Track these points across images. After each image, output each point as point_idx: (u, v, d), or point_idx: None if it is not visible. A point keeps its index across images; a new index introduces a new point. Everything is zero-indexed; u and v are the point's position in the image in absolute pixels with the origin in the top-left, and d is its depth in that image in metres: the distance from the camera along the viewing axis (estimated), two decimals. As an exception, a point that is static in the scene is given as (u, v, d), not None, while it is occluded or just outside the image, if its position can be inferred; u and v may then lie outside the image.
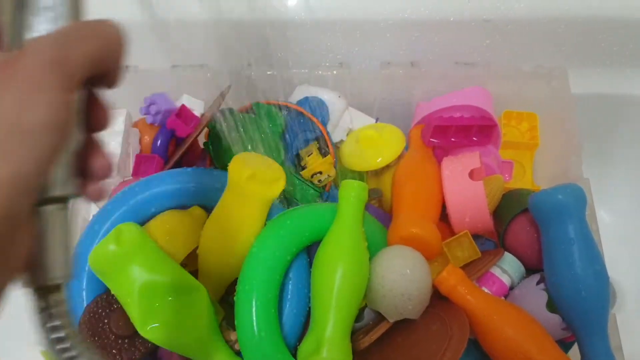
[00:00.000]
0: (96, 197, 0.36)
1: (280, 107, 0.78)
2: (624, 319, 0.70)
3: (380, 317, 0.66)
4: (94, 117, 0.35)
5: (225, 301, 0.70)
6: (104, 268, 0.58)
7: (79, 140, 0.34)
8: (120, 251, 0.58)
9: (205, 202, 0.70)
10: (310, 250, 0.68)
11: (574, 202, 0.65)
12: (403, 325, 0.65)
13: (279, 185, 0.65)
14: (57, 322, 0.33)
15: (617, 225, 0.97)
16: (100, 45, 0.32)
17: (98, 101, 0.35)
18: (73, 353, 0.34)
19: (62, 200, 0.33)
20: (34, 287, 0.33)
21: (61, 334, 0.33)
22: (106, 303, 0.60)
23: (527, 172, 0.85)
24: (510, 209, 0.73)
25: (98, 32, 0.32)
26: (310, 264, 0.67)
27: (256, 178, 0.63)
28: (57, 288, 0.34)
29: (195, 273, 0.66)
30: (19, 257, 0.31)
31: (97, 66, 0.32)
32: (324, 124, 0.79)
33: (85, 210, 0.75)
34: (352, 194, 0.66)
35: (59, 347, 0.33)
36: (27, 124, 0.28)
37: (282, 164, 0.74)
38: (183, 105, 0.78)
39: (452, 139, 0.77)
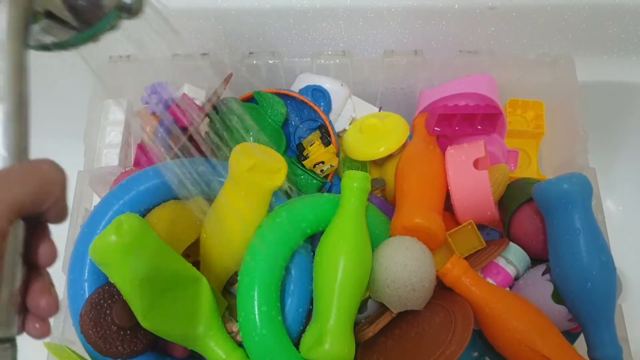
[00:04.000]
0: (40, 336, 0.35)
1: (282, 96, 0.77)
2: (630, 310, 0.70)
3: (383, 308, 0.65)
4: (37, 252, 0.34)
5: (227, 292, 0.70)
6: (105, 259, 0.57)
7: (20, 277, 0.33)
8: (120, 242, 0.57)
9: (207, 192, 0.69)
10: (312, 241, 0.67)
11: (579, 191, 0.64)
12: (407, 316, 0.64)
13: (281, 176, 0.64)
14: None
15: (623, 214, 0.97)
16: (32, 190, 0.32)
17: (43, 236, 0.35)
18: None
19: (3, 341, 0.32)
20: None
21: None
22: (108, 294, 0.60)
23: (533, 161, 0.84)
24: (515, 198, 0.72)
25: (29, 176, 0.32)
26: (312, 255, 0.66)
27: (257, 168, 0.62)
28: None
29: (197, 264, 0.66)
30: None
31: (28, 209, 0.32)
32: (327, 112, 0.78)
33: (87, 201, 0.75)
34: (354, 184, 0.65)
35: None
36: None
37: (283, 153, 0.73)
38: (184, 94, 0.77)
39: (457, 128, 0.76)
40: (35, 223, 0.35)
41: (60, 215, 0.35)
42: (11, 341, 0.33)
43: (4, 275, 0.31)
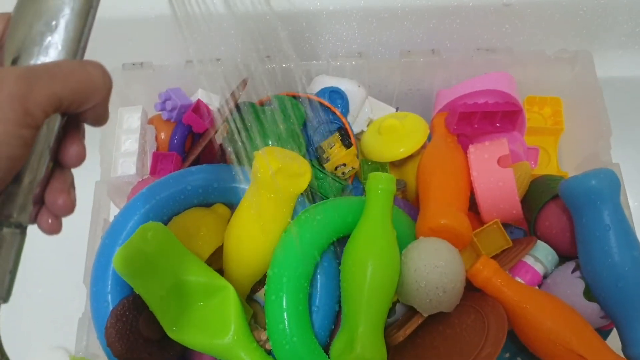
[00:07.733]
0: (50, 231, 0.36)
1: (299, 99, 0.76)
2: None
3: (412, 311, 0.64)
4: (66, 150, 0.35)
5: (250, 299, 0.68)
6: (130, 269, 0.56)
7: (44, 170, 0.34)
8: (146, 251, 0.56)
9: (229, 199, 0.68)
10: (338, 245, 0.66)
11: (607, 187, 0.63)
12: (437, 319, 0.63)
13: (305, 180, 0.63)
14: None
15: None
16: (73, 88, 0.32)
17: (76, 136, 0.35)
18: None
19: (16, 225, 0.33)
20: None
21: None
22: (133, 305, 0.59)
23: (552, 158, 0.83)
24: (540, 195, 0.71)
25: (74, 75, 0.32)
26: (339, 259, 0.65)
27: (282, 172, 0.61)
28: None
29: (220, 272, 0.64)
30: None
31: (66, 107, 0.32)
32: (344, 114, 0.77)
33: (105, 212, 0.73)
34: (380, 186, 0.64)
35: None
36: None
37: (303, 157, 0.72)
38: (199, 100, 0.76)
39: (476, 126, 0.75)
40: (72, 121, 0.35)
41: (99, 119, 0.35)
42: (22, 228, 0.34)
43: (29, 163, 0.32)
